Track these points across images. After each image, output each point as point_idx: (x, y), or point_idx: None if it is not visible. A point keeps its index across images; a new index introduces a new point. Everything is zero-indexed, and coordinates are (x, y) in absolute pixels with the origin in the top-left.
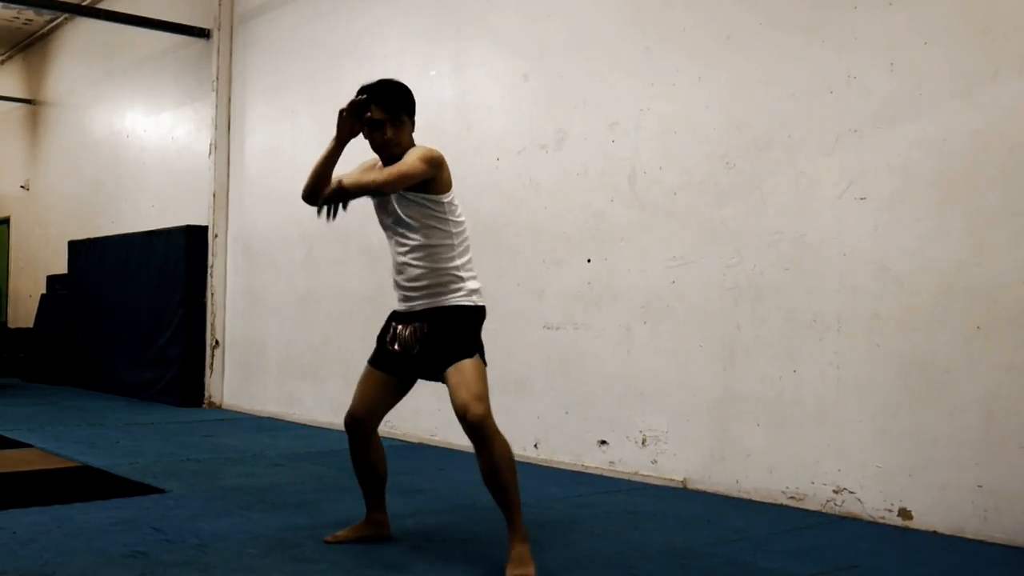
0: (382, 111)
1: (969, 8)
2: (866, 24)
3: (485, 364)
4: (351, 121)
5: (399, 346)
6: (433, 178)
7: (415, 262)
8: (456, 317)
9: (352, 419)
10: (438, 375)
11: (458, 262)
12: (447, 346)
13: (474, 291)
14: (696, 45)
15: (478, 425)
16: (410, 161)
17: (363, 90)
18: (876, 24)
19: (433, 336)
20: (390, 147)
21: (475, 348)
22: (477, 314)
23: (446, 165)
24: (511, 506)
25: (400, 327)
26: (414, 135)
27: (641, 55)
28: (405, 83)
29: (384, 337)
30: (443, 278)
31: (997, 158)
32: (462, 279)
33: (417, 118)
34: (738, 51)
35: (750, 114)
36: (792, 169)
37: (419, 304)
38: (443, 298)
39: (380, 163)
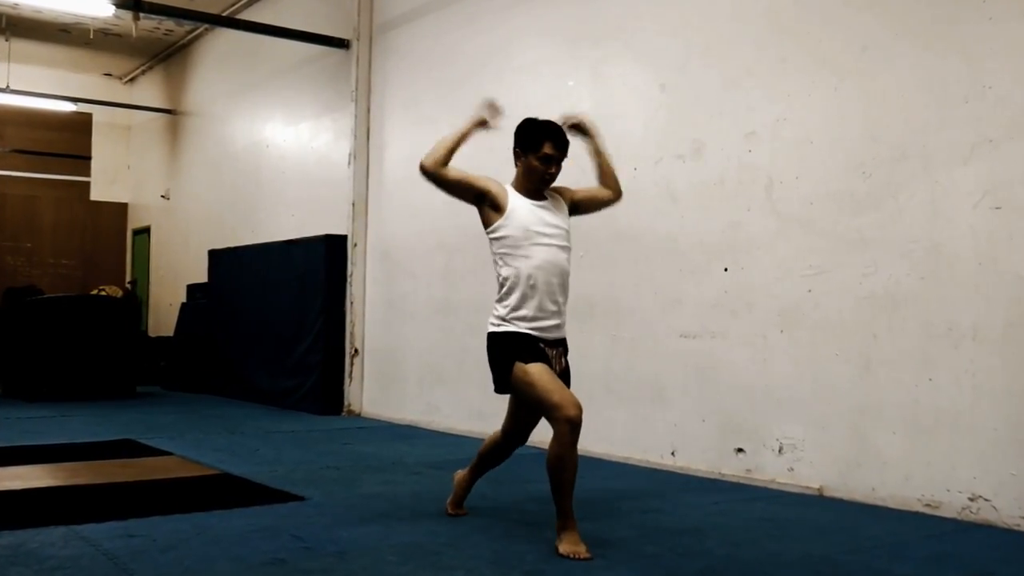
0: (559, 151)
1: None
2: (1001, 35)
3: None
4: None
5: (549, 360)
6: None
7: (565, 285)
8: None
9: (581, 412)
10: None
11: None
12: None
13: None
14: (832, 56)
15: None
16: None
17: (545, 128)
18: (1010, 35)
19: (566, 361)
20: (553, 180)
21: None
22: None
23: None
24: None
25: (548, 349)
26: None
27: (777, 66)
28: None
29: (535, 347)
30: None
31: None
32: None
33: None
34: (874, 62)
35: (886, 124)
36: (927, 179)
37: (559, 333)
38: (564, 331)
39: (497, 186)
